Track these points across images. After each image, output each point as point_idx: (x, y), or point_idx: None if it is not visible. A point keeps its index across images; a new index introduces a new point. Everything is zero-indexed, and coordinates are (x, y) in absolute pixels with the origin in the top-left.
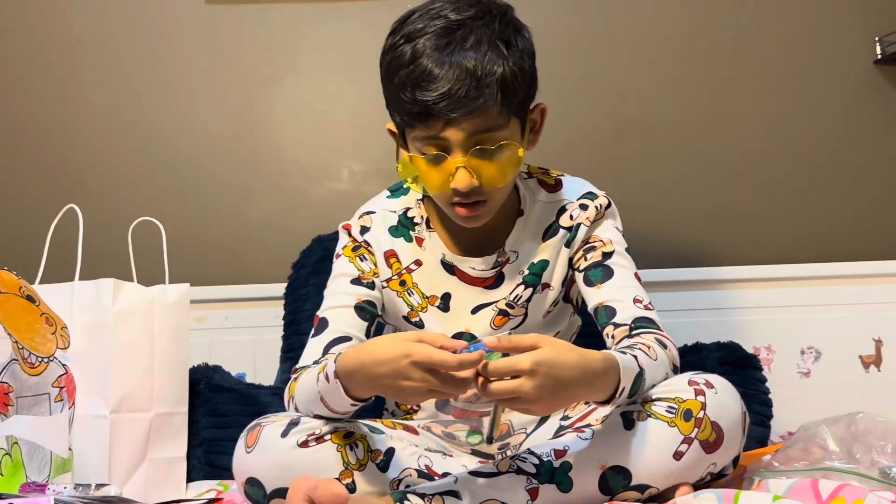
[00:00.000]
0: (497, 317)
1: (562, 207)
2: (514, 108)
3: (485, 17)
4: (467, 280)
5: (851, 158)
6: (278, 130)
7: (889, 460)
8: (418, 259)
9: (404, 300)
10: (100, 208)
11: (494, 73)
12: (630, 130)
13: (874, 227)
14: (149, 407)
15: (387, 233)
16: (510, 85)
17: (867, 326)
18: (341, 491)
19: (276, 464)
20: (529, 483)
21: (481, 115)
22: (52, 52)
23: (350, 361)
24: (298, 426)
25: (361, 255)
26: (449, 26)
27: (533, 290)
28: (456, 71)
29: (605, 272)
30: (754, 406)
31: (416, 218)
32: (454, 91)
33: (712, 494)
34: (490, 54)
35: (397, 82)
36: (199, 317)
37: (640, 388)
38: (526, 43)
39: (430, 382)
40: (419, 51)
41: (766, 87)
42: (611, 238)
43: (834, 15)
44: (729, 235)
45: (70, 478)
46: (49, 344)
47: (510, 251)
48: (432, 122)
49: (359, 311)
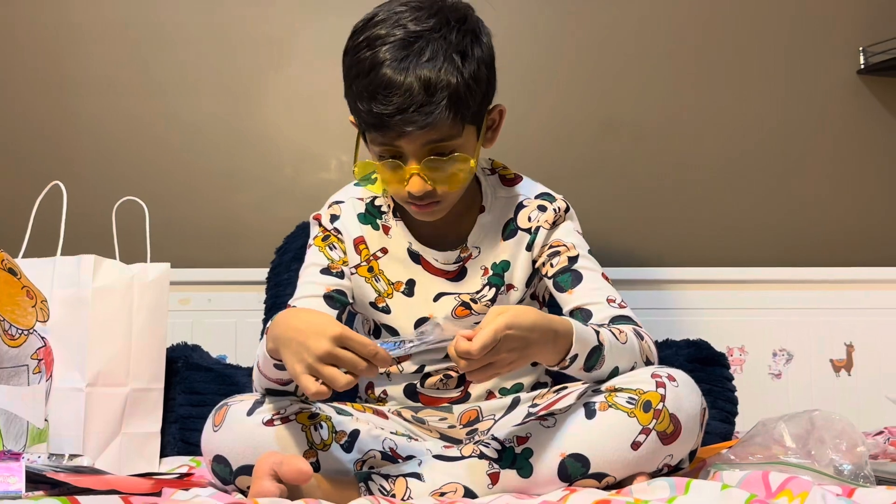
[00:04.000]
0: (459, 307)
1: (519, 203)
2: (468, 117)
3: (442, 29)
4: (431, 270)
5: (832, 167)
6: (269, 118)
7: (843, 458)
8: (385, 247)
9: (372, 286)
10: (85, 186)
11: (448, 87)
12: (614, 130)
13: (851, 235)
14: (125, 382)
15: (356, 219)
16: (463, 97)
17: (839, 331)
18: (305, 467)
19: (242, 441)
20: (491, 467)
21: (434, 128)
22: (40, 32)
23: (279, 316)
24: (264, 405)
25: (331, 244)
26: (407, 38)
27: (497, 290)
28: (410, 85)
29: (574, 276)
30: (720, 403)
31: (384, 206)
32: (408, 106)
33: (665, 482)
34: (446, 67)
35: (356, 90)
36: (183, 298)
37: (598, 363)
38: (483, 50)
39: (334, 354)
40: (378, 61)
41: (750, 95)
42: (573, 242)
43: (818, 25)
44: (707, 237)
45: (45, 448)
46: (29, 317)
47: (472, 246)
48: (387, 132)
49: (328, 300)
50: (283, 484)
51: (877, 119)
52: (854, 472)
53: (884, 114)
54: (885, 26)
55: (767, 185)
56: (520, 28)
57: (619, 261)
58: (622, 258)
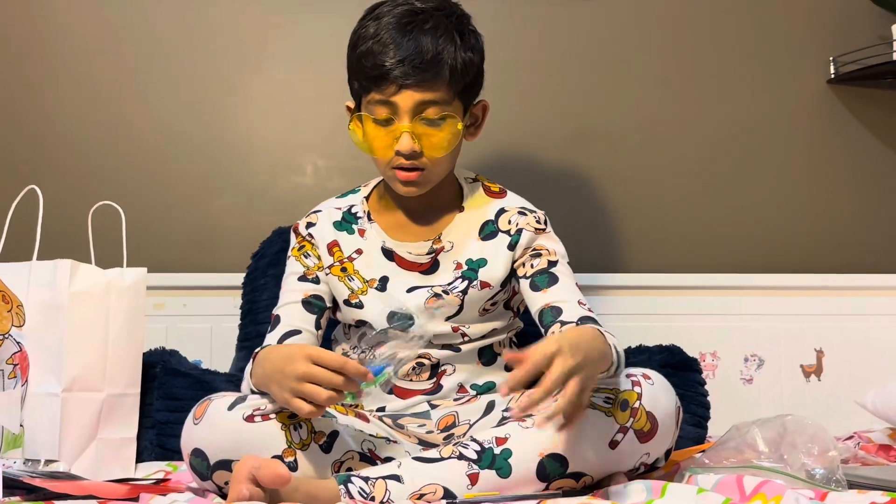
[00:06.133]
0: (431, 298)
1: (501, 209)
2: (459, 90)
3: (445, 10)
4: (404, 265)
5: (803, 175)
6: (244, 123)
7: (815, 462)
8: (359, 248)
9: (345, 285)
10: (61, 190)
11: (446, 54)
12: (587, 139)
13: (821, 242)
14: (101, 387)
15: (331, 226)
16: (458, 68)
17: (810, 337)
18: (284, 472)
19: (221, 436)
20: (470, 468)
21: (430, 88)
22: (15, 36)
23: (257, 359)
24: (245, 402)
25: (306, 253)
26: (412, 10)
27: (469, 282)
28: (413, 44)
29: (551, 278)
30: (692, 407)
31: (360, 213)
32: (409, 60)
33: (641, 485)
34: (444, 38)
35: (361, 50)
36: (157, 303)
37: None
38: (478, 43)
39: (310, 373)
40: (382, 25)
41: (722, 104)
42: (556, 249)
43: (788, 35)
44: (680, 244)
45: (20, 453)
46: (4, 321)
47: (446, 241)
48: (386, 85)
49: (306, 305)
50: (261, 488)
51: (847, 128)
52: (826, 477)
53: (854, 123)
54: (854, 36)
55: (739, 193)
56: (492, 34)
57: (591, 266)
58: (595, 264)
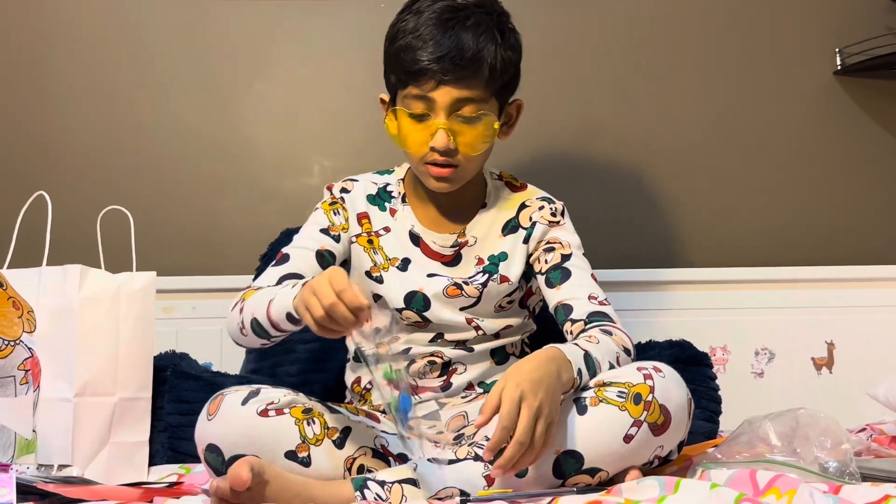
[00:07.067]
0: (451, 286)
1: (522, 203)
2: (496, 89)
3: (486, 7)
4: (428, 253)
5: (809, 167)
6: (251, 124)
7: (828, 455)
8: (388, 226)
9: (369, 256)
10: (69, 196)
11: (487, 52)
12: (594, 133)
13: (830, 234)
14: (113, 391)
15: (364, 198)
16: (497, 67)
17: (820, 330)
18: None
19: (235, 431)
20: (486, 469)
21: (468, 86)
22: (24, 40)
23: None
24: (259, 396)
25: (336, 210)
26: (453, 6)
27: (489, 276)
28: (454, 40)
29: (564, 273)
30: (704, 402)
31: (394, 192)
32: (450, 56)
33: (655, 481)
34: (486, 36)
35: (400, 44)
36: (167, 307)
37: (595, 366)
38: (517, 42)
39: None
40: (422, 21)
41: (728, 97)
42: (569, 241)
43: (794, 27)
44: (688, 238)
45: (33, 459)
46: (15, 327)
47: (470, 235)
48: (424, 80)
49: (318, 257)
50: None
51: (853, 119)
52: (839, 470)
53: (860, 114)
54: (860, 27)
55: (746, 186)
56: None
57: (600, 263)
58: (603, 260)
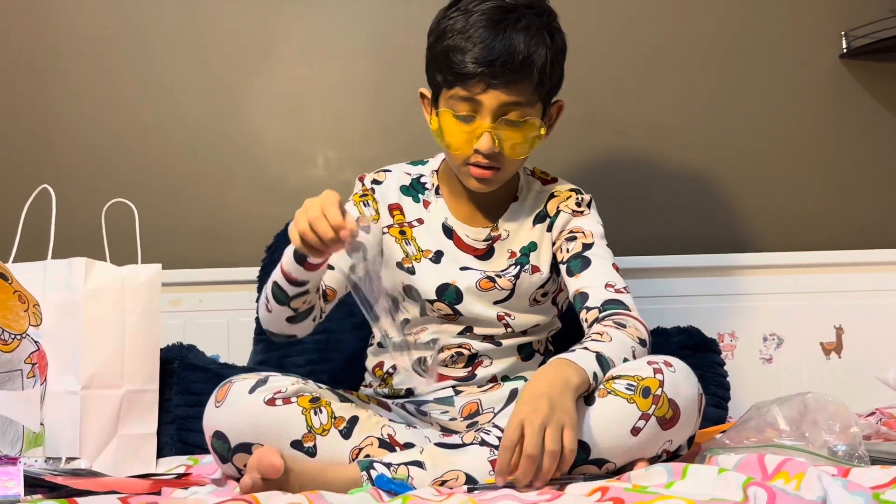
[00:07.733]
0: (484, 279)
1: (551, 194)
2: (543, 93)
3: (536, 8)
4: (461, 246)
5: (816, 152)
6: (255, 116)
7: (837, 439)
8: (421, 218)
9: (401, 247)
10: (74, 189)
11: (537, 56)
12: (602, 124)
13: (836, 218)
14: (119, 384)
15: (397, 189)
16: (546, 71)
17: (829, 314)
18: (277, 462)
19: (242, 419)
20: (492, 454)
21: (516, 90)
22: (29, 36)
23: None
24: (266, 384)
25: (366, 202)
26: (503, 6)
27: (521, 268)
28: (506, 44)
29: (584, 262)
30: (712, 388)
31: (428, 184)
32: (501, 60)
33: (662, 468)
34: (537, 38)
35: (449, 44)
36: (173, 299)
37: (608, 366)
38: (564, 43)
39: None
40: (474, 22)
41: (732, 81)
42: (592, 230)
43: (800, 10)
44: (695, 224)
45: (42, 452)
46: (21, 321)
47: (503, 229)
48: (473, 83)
49: None
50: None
51: (859, 103)
52: (848, 453)
53: (866, 97)
54: (866, 10)
55: (752, 171)
56: None
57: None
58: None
